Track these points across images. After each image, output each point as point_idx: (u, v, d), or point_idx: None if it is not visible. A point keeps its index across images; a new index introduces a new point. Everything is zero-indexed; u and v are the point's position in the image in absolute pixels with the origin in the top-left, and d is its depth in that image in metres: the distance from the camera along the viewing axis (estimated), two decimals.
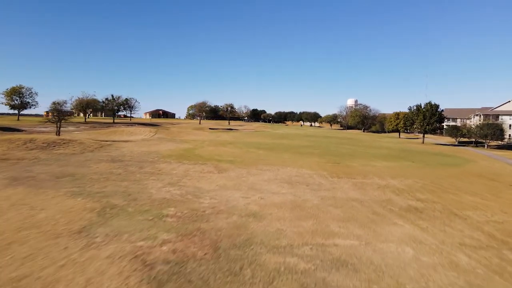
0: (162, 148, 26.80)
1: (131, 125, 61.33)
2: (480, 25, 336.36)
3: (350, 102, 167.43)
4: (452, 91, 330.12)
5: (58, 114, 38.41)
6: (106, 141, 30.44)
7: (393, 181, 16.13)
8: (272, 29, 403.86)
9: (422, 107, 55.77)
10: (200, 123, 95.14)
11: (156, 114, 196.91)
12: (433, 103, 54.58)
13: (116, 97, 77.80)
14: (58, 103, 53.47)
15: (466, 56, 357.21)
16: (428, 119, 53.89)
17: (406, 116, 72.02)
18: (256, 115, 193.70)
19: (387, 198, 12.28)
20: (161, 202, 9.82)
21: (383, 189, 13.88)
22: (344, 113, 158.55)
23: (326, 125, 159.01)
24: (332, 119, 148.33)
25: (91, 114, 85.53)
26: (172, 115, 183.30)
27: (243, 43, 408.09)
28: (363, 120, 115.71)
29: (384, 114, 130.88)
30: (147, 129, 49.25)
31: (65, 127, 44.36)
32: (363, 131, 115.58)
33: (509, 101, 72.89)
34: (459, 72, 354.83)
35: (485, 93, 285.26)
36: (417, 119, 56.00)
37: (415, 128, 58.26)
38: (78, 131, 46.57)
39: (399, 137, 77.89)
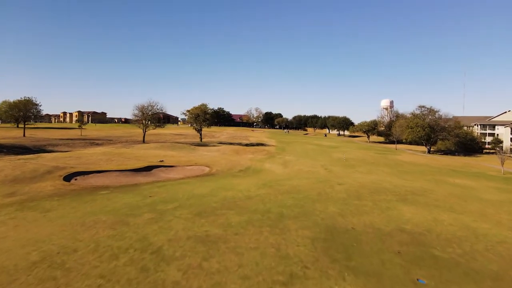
0: None
1: None
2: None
3: (384, 103, 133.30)
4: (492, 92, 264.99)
5: None
6: None
7: None
8: (289, 24, 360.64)
9: None
10: (144, 139, 55.33)
11: (156, 118, 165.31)
12: None
13: None
14: None
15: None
16: None
17: None
18: (270, 120, 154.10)
19: None
20: None
21: None
22: (387, 119, 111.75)
23: (361, 135, 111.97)
24: (371, 128, 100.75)
25: None
26: (174, 120, 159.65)
27: (254, 42, 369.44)
28: (429, 134, 69.05)
29: (458, 119, 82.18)
30: None
31: None
32: (429, 151, 68.83)
33: None
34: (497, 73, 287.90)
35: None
36: None
37: None
38: None
39: None
